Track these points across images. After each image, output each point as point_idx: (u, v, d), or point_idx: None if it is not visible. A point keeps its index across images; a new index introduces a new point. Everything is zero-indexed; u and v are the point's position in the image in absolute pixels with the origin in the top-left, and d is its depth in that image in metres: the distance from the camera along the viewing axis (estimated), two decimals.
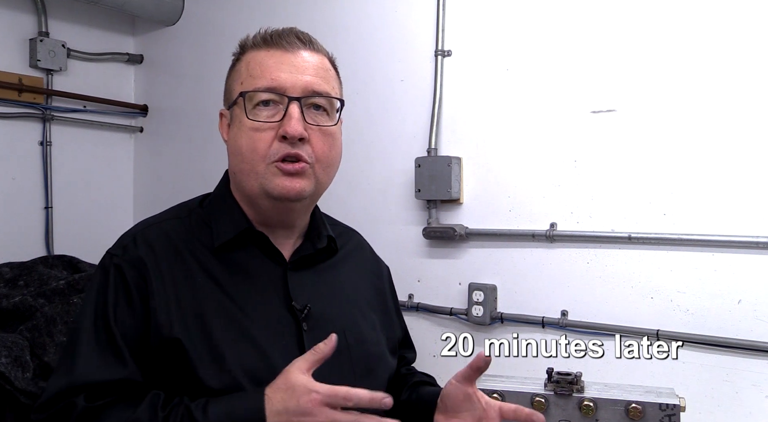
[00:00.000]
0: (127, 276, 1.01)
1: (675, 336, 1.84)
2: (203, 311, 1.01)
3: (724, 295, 1.78)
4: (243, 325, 1.01)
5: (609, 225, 1.96)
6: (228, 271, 1.05)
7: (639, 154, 1.91)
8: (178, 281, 1.02)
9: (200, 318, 1.01)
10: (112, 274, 1.02)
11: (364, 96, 2.44)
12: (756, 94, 1.75)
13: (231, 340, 1.00)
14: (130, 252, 1.03)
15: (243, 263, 1.06)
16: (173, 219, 1.10)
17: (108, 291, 1.01)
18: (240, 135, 1.03)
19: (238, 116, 1.04)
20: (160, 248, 1.04)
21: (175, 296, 1.01)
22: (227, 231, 1.07)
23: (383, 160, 2.42)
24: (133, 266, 1.02)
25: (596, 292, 1.98)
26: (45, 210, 2.86)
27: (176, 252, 1.05)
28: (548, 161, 2.07)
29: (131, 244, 1.04)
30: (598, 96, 1.98)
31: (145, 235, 1.06)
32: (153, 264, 1.02)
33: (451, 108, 2.27)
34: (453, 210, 2.26)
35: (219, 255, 1.06)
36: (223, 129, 1.12)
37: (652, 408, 1.35)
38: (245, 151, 1.02)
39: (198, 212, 1.11)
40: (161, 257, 1.03)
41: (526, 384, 1.48)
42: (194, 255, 1.05)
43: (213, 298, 1.02)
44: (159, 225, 1.08)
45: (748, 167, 1.76)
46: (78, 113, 2.99)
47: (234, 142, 1.05)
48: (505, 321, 2.13)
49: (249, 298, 1.04)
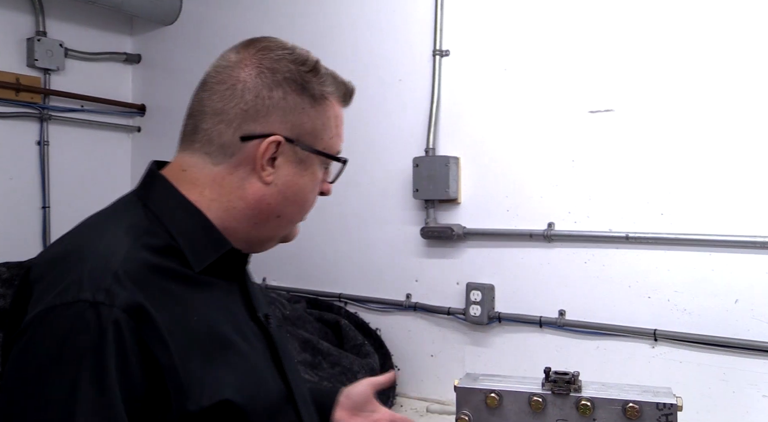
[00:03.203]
0: (127, 332, 0.79)
1: (672, 336, 1.84)
2: (220, 355, 0.88)
3: (721, 295, 1.79)
4: (248, 359, 0.94)
5: (607, 225, 1.96)
6: (206, 297, 0.92)
7: (636, 154, 1.92)
8: (182, 326, 0.85)
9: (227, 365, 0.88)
10: (111, 333, 0.77)
11: (362, 95, 2.42)
12: (753, 95, 1.75)
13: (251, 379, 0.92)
14: (122, 298, 0.80)
15: (212, 283, 0.95)
16: (133, 241, 0.88)
17: (107, 359, 0.77)
18: (308, 187, 1.00)
19: (311, 167, 0.99)
20: (149, 285, 0.84)
21: (189, 346, 0.84)
22: (208, 253, 0.93)
23: (381, 160, 2.42)
24: (133, 317, 0.80)
25: (594, 292, 1.98)
26: (42, 209, 2.86)
27: (162, 287, 0.86)
28: (546, 161, 2.07)
29: (116, 286, 0.80)
30: (595, 96, 1.99)
31: (128, 270, 0.83)
32: (155, 310, 0.82)
33: (449, 108, 2.28)
34: (451, 209, 2.27)
35: (191, 279, 0.91)
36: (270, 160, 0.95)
37: (650, 408, 1.35)
38: (308, 205, 1.02)
39: (153, 230, 0.91)
40: (155, 297, 0.84)
41: (524, 383, 1.48)
42: (175, 287, 0.88)
43: (215, 334, 0.90)
44: (129, 253, 0.85)
45: (746, 167, 1.76)
46: (75, 113, 2.99)
47: (296, 189, 0.98)
48: (503, 321, 2.14)
49: (231, 319, 0.95)
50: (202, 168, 0.95)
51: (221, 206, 0.95)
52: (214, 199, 0.95)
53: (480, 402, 1.45)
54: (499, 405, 1.44)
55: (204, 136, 0.95)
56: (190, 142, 0.97)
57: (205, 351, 0.86)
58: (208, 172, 0.95)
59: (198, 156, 0.96)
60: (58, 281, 0.82)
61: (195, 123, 0.97)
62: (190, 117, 0.99)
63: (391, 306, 2.39)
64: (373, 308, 2.44)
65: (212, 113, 0.95)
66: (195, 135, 0.97)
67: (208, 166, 0.95)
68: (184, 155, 0.98)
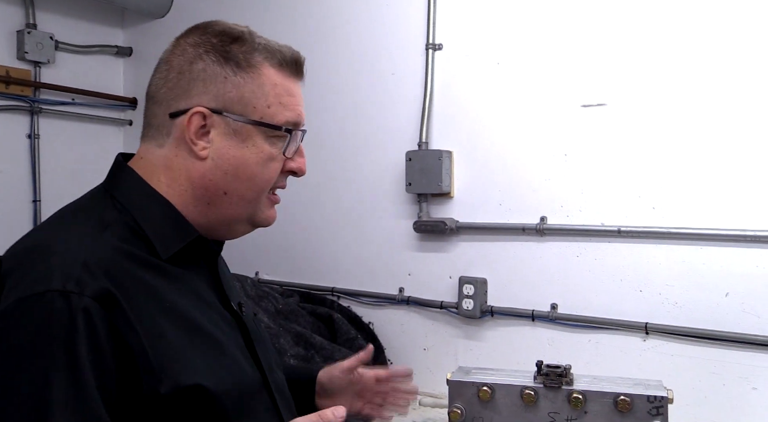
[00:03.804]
0: (98, 319, 0.80)
1: (663, 329, 1.86)
2: (191, 341, 0.89)
3: (712, 288, 1.80)
4: (219, 344, 0.95)
5: (599, 219, 1.97)
6: (176, 285, 0.93)
7: (629, 148, 1.92)
8: (152, 312, 0.86)
9: (199, 351, 0.90)
10: (81, 321, 0.79)
11: (354, 89, 2.44)
12: (745, 90, 1.76)
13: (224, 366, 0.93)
14: (91, 286, 0.81)
15: (182, 272, 0.96)
16: (102, 231, 0.89)
17: (79, 346, 0.78)
18: (252, 160, 0.96)
19: (251, 139, 0.96)
20: (118, 273, 0.85)
21: (160, 332, 0.86)
22: (174, 241, 0.94)
23: (374, 154, 2.42)
24: (103, 304, 0.81)
25: (586, 285, 1.99)
26: (33, 203, 2.84)
27: (131, 275, 0.87)
28: (539, 155, 2.07)
29: (85, 275, 0.81)
30: (588, 90, 1.99)
31: (97, 260, 0.84)
32: (124, 297, 0.83)
33: (442, 101, 2.27)
34: (444, 203, 2.27)
35: (159, 267, 0.92)
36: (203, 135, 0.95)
37: (641, 401, 1.36)
38: (259, 180, 0.97)
39: (121, 220, 0.92)
40: (125, 285, 0.85)
41: (516, 376, 1.48)
42: (144, 275, 0.89)
43: (186, 320, 0.91)
44: (98, 243, 0.87)
45: (737, 162, 1.77)
46: (66, 106, 2.97)
47: (237, 163, 0.95)
48: (496, 315, 2.14)
49: (203, 307, 0.97)
50: (153, 152, 0.98)
51: (175, 191, 0.97)
52: (169, 185, 0.97)
53: (472, 395, 1.46)
54: (491, 398, 1.44)
55: (146, 122, 1.00)
56: (143, 131, 1.01)
57: (175, 336, 0.87)
58: (157, 156, 0.97)
59: (147, 141, 0.99)
60: (28, 273, 0.83)
61: (144, 113, 1.02)
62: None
63: (383, 300, 2.40)
64: (365, 302, 2.44)
65: (149, 98, 0.99)
66: (144, 123, 1.01)
67: (155, 149, 0.98)
68: (142, 143, 1.01)
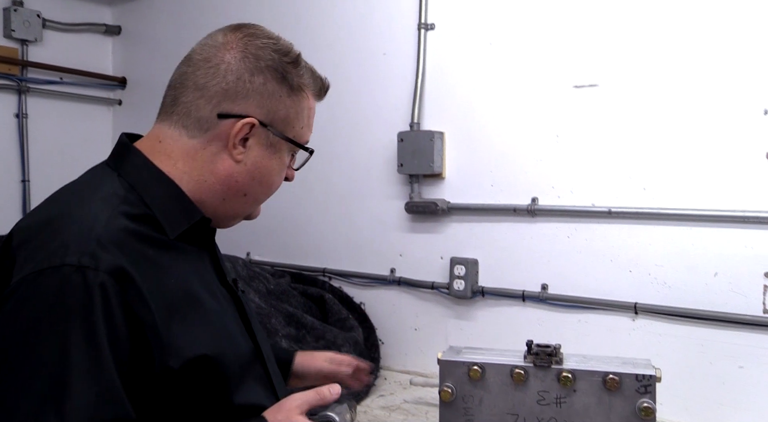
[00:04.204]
0: (112, 294, 0.83)
1: (652, 309, 1.87)
2: (195, 315, 0.94)
3: (701, 268, 1.81)
4: (219, 317, 1.00)
5: (590, 200, 1.97)
6: (180, 262, 0.98)
7: (620, 129, 1.92)
8: (161, 288, 0.90)
9: (202, 324, 0.94)
10: (98, 295, 0.82)
11: (346, 70, 2.42)
12: (736, 71, 1.76)
13: (224, 337, 0.99)
14: (106, 261, 0.84)
15: (185, 249, 1.00)
16: (113, 208, 0.92)
17: (96, 318, 0.82)
18: (275, 170, 1.06)
19: (280, 152, 1.05)
20: (130, 249, 0.89)
21: (169, 307, 0.90)
22: (181, 221, 0.98)
23: (365, 134, 2.41)
24: (117, 280, 0.84)
25: (576, 266, 2.00)
26: (22, 183, 2.83)
27: (141, 251, 0.91)
28: (531, 136, 2.07)
29: (99, 250, 0.84)
30: (581, 70, 1.98)
31: (110, 236, 0.87)
32: (136, 273, 0.87)
33: (434, 82, 2.26)
34: (435, 184, 2.27)
35: (166, 245, 0.96)
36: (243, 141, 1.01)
37: (629, 379, 1.38)
38: (273, 187, 1.08)
39: (129, 198, 0.96)
40: (136, 261, 0.88)
41: (506, 356, 1.49)
42: (152, 252, 0.93)
43: (190, 295, 0.96)
44: (110, 219, 0.90)
45: (727, 143, 1.77)
46: (54, 85, 2.94)
47: (264, 171, 1.04)
48: (486, 295, 2.15)
49: (203, 283, 1.01)
50: (178, 139, 1.00)
51: (192, 178, 1.00)
52: (186, 172, 1.00)
53: (463, 374, 1.47)
54: (481, 377, 1.46)
55: (183, 109, 1.00)
56: (169, 114, 1.01)
57: (182, 310, 0.92)
58: (183, 145, 1.00)
59: (175, 128, 1.00)
60: (42, 246, 0.85)
61: (175, 95, 1.01)
62: (170, 89, 1.03)
63: (375, 280, 2.40)
64: (357, 283, 2.44)
65: (194, 88, 0.99)
66: (174, 107, 1.01)
67: (183, 138, 1.00)
68: (162, 126, 1.02)
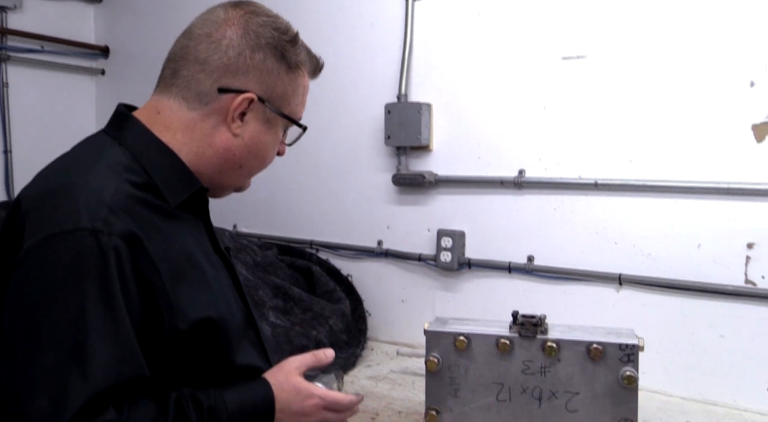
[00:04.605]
0: (125, 258, 0.87)
1: (636, 280, 1.90)
2: (198, 279, 0.98)
3: (685, 240, 1.83)
4: (218, 283, 1.04)
5: (576, 172, 1.98)
6: (181, 229, 1.01)
7: (607, 101, 1.92)
8: (167, 253, 0.93)
9: (205, 288, 0.99)
10: (113, 258, 0.85)
11: (333, 40, 2.39)
12: (722, 42, 1.76)
13: (224, 300, 1.03)
14: (118, 226, 0.87)
15: (184, 217, 1.03)
16: (119, 175, 0.95)
17: (112, 280, 0.85)
18: (270, 144, 1.09)
19: (275, 127, 1.08)
20: (137, 215, 0.92)
21: (175, 271, 0.94)
22: (181, 189, 1.01)
23: (353, 106, 2.39)
24: (129, 244, 0.88)
25: (562, 238, 2.01)
26: (4, 154, 2.79)
27: (147, 217, 0.94)
28: (518, 108, 2.06)
29: (111, 216, 0.88)
30: (569, 42, 1.97)
31: (119, 203, 0.90)
32: (145, 239, 0.90)
33: (422, 53, 2.24)
34: (422, 157, 2.26)
35: (168, 212, 0.99)
36: (241, 115, 1.03)
37: (612, 348, 1.40)
38: (267, 161, 1.11)
39: (132, 167, 0.98)
40: (144, 228, 0.91)
41: (492, 326, 1.51)
42: (156, 218, 0.96)
43: (192, 261, 0.99)
44: (118, 186, 0.93)
45: (713, 115, 1.78)
46: (35, 53, 2.88)
47: (260, 145, 1.07)
48: (473, 267, 2.17)
49: (201, 250, 1.05)
50: (177, 111, 1.02)
51: (191, 150, 1.03)
52: (185, 143, 1.03)
53: (449, 344, 1.49)
54: (467, 347, 1.48)
55: (183, 82, 1.02)
56: (169, 86, 1.03)
57: (187, 275, 0.96)
58: (182, 117, 1.02)
59: (175, 100, 1.02)
60: (54, 212, 0.88)
61: (175, 68, 1.03)
62: (170, 61, 1.05)
63: (362, 252, 2.41)
64: (344, 255, 2.45)
65: (195, 61, 1.01)
66: (174, 79, 1.03)
67: (183, 110, 1.02)
68: (161, 98, 1.04)
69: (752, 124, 1.73)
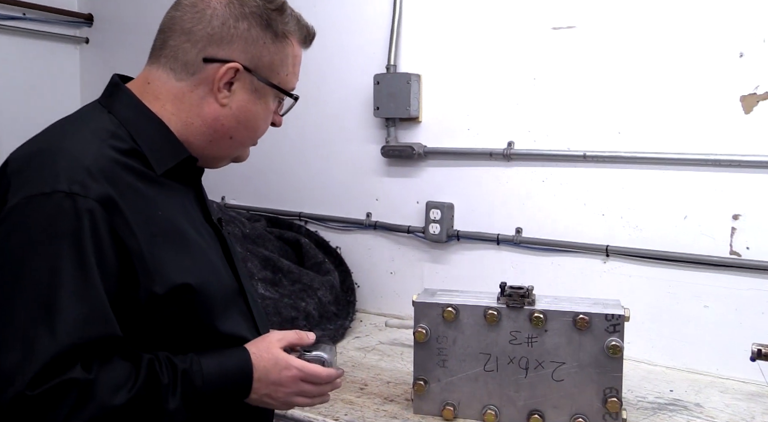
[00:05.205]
0: (100, 220, 0.89)
1: (623, 251, 1.91)
2: (181, 246, 1.00)
3: (671, 211, 1.84)
4: (203, 251, 1.05)
5: (565, 144, 1.98)
6: (166, 196, 1.02)
7: (597, 72, 1.91)
8: (148, 219, 0.95)
9: (187, 255, 1.00)
10: (87, 220, 0.88)
11: (321, 9, 2.35)
12: (712, 12, 1.75)
13: (208, 268, 1.04)
14: (95, 190, 0.90)
15: (172, 186, 1.05)
16: (103, 141, 0.97)
17: (85, 241, 0.88)
18: (260, 115, 1.09)
19: (265, 97, 1.08)
20: (118, 181, 0.94)
21: (154, 236, 0.95)
22: (168, 158, 1.03)
23: (341, 77, 2.37)
24: (105, 207, 0.90)
25: (550, 210, 2.02)
26: None
27: (129, 183, 0.96)
28: (508, 79, 2.05)
29: (88, 179, 0.90)
30: (559, 12, 1.95)
31: (99, 167, 0.92)
32: (123, 203, 0.92)
33: (411, 23, 2.22)
34: (411, 128, 2.25)
35: (153, 179, 1.01)
36: (227, 85, 1.04)
37: (599, 319, 1.42)
38: (259, 132, 1.12)
39: (119, 134, 1.00)
40: (124, 192, 0.94)
41: (480, 298, 1.52)
42: (139, 185, 0.98)
43: (176, 228, 1.01)
44: (100, 152, 0.95)
45: (702, 86, 1.78)
46: (17, 21, 2.82)
47: (249, 115, 1.08)
48: (462, 239, 2.17)
49: (189, 219, 1.07)
50: (166, 81, 1.04)
51: (180, 120, 1.05)
52: (174, 114, 1.05)
53: (437, 315, 1.50)
54: (455, 318, 1.49)
55: (170, 52, 1.04)
56: (158, 57, 1.06)
57: (168, 240, 0.98)
58: (171, 87, 1.04)
59: (163, 70, 1.05)
60: (34, 174, 0.91)
61: (164, 39, 1.05)
62: (160, 32, 1.07)
63: (351, 224, 2.41)
64: (333, 227, 2.45)
65: (180, 32, 1.04)
66: (162, 50, 1.05)
67: (171, 80, 1.04)
68: (151, 69, 1.06)
69: (740, 96, 1.74)
